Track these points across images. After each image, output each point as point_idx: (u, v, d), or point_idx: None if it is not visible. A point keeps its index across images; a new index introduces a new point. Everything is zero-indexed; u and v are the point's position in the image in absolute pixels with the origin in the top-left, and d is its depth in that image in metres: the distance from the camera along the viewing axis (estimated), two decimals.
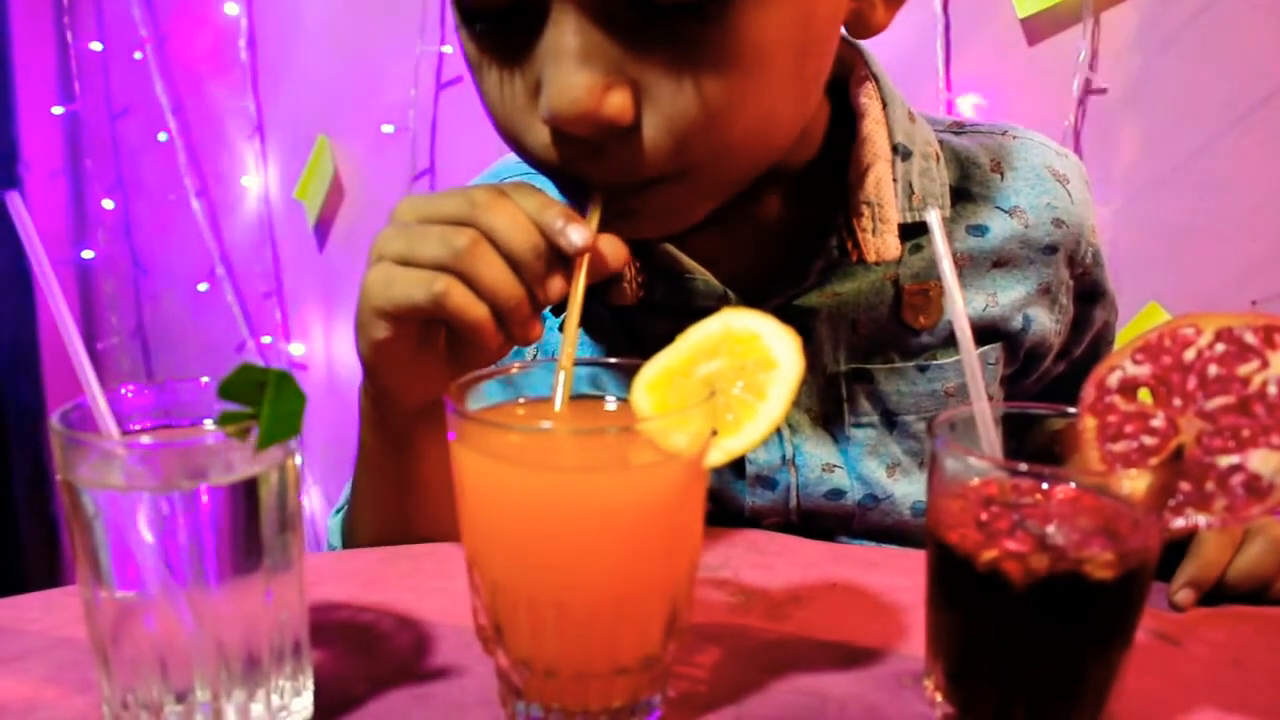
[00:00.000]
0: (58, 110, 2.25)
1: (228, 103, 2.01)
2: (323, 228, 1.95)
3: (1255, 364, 0.42)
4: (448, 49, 1.71)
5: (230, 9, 1.95)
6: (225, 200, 2.11)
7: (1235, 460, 0.41)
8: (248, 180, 2.04)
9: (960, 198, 0.69)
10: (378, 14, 1.78)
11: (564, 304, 0.53)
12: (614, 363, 0.49)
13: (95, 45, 2.20)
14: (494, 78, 0.55)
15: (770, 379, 0.43)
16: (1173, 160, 1.20)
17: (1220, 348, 0.42)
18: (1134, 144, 1.22)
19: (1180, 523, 0.42)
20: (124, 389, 0.43)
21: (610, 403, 0.48)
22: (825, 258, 0.65)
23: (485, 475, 0.41)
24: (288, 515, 0.41)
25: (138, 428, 0.44)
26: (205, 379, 0.43)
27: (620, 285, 0.65)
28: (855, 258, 0.64)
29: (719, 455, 0.43)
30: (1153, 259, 1.22)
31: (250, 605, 0.41)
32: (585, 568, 0.41)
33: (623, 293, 0.65)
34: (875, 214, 0.64)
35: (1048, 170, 0.70)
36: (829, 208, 0.65)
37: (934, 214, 0.46)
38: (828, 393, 0.69)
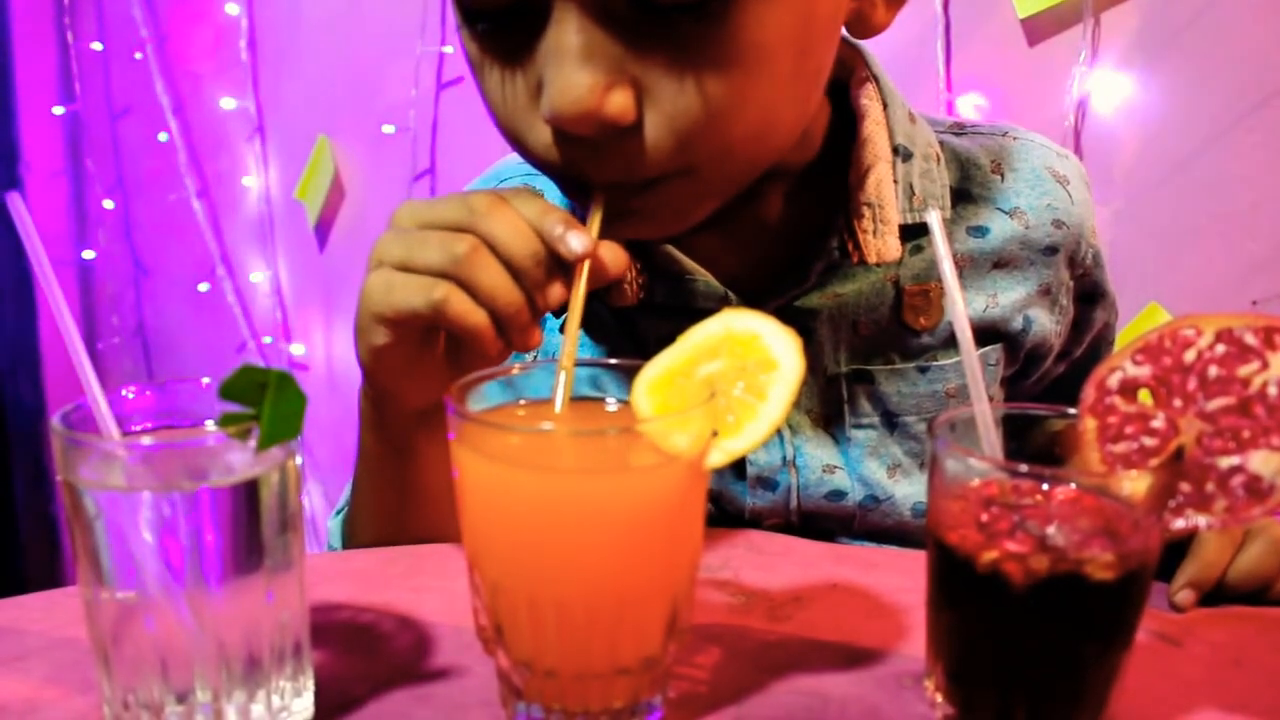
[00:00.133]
0: (58, 110, 2.25)
1: (228, 103, 2.01)
2: (323, 228, 1.96)
3: (1255, 365, 0.42)
4: (448, 49, 1.71)
5: (231, 9, 1.95)
6: (226, 200, 2.11)
7: (1235, 461, 0.41)
8: (248, 180, 2.04)
9: (961, 199, 0.69)
10: (378, 14, 1.78)
11: (564, 307, 0.53)
12: (615, 364, 0.49)
13: (96, 45, 2.20)
14: (495, 77, 0.55)
15: (771, 380, 0.43)
16: (1173, 161, 1.20)
17: (1220, 349, 0.42)
18: (1134, 144, 1.22)
19: (1180, 524, 0.42)
20: (125, 390, 0.43)
21: (611, 404, 0.48)
22: (826, 259, 0.65)
23: (486, 476, 0.41)
24: (288, 516, 0.41)
25: (138, 428, 0.44)
26: (206, 380, 0.44)
27: (621, 286, 0.65)
28: (856, 259, 0.64)
29: (720, 456, 0.43)
30: (1153, 259, 1.22)
31: (251, 606, 0.41)
32: (586, 569, 0.41)
33: (623, 294, 0.65)
34: (876, 215, 0.64)
35: (1048, 171, 0.70)
36: (830, 209, 0.65)
37: (934, 215, 0.47)
38: (828, 394, 0.69)
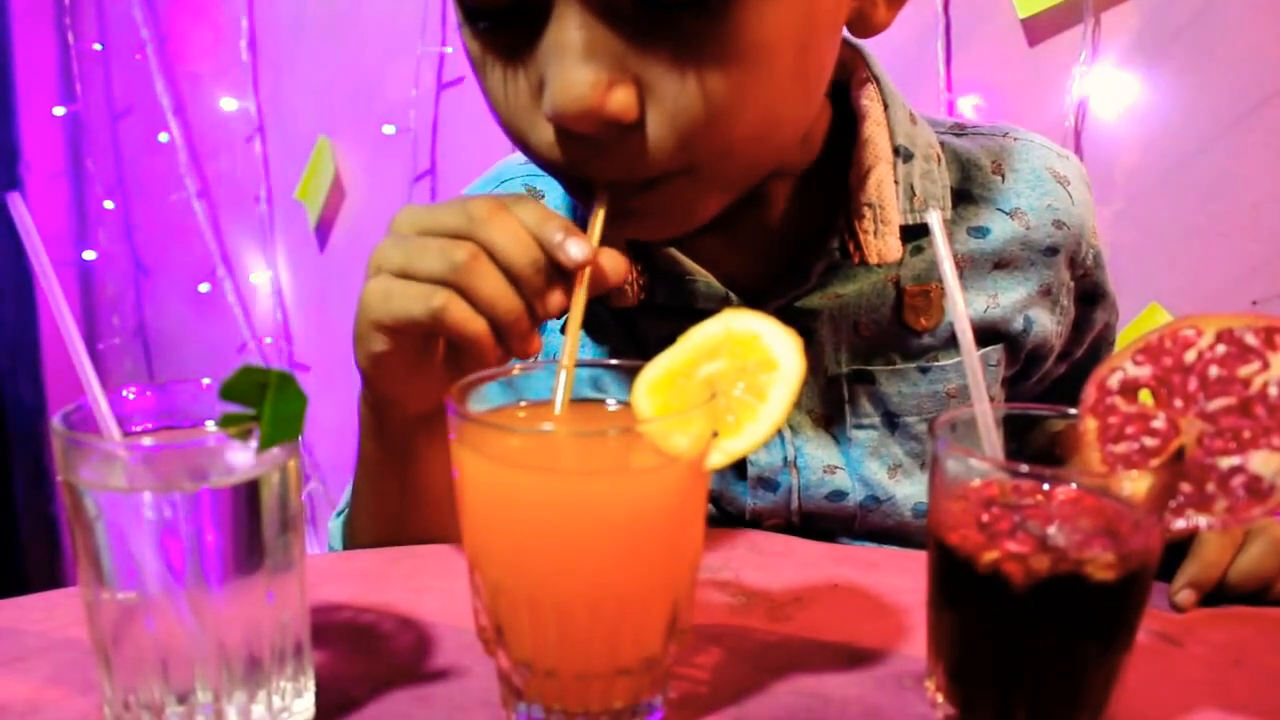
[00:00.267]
0: (59, 111, 2.25)
1: (229, 103, 2.01)
2: (324, 228, 1.96)
3: (1256, 365, 0.42)
4: (449, 49, 1.71)
5: (231, 10, 1.95)
6: (226, 201, 2.11)
7: (1236, 461, 0.41)
8: (249, 181, 2.04)
9: (961, 199, 0.69)
10: (378, 14, 1.78)
11: (564, 313, 0.53)
12: (615, 364, 0.49)
13: (96, 46, 2.20)
14: (497, 76, 0.55)
15: (771, 380, 0.43)
16: (1173, 161, 1.20)
17: (1221, 349, 0.42)
18: (1134, 145, 1.21)
19: (1181, 524, 0.42)
20: (125, 390, 0.43)
21: (611, 405, 0.48)
22: (827, 259, 0.65)
23: (486, 477, 0.41)
24: (289, 516, 0.41)
25: (139, 429, 0.44)
26: (206, 380, 0.44)
27: (621, 287, 0.65)
28: (857, 259, 0.64)
29: (720, 457, 0.43)
30: (1153, 260, 1.22)
31: (252, 606, 0.41)
32: (586, 569, 0.41)
33: (624, 294, 0.65)
34: (877, 216, 0.64)
35: (1048, 172, 0.70)
36: (830, 209, 0.65)
37: (935, 216, 0.47)
38: (829, 394, 0.69)
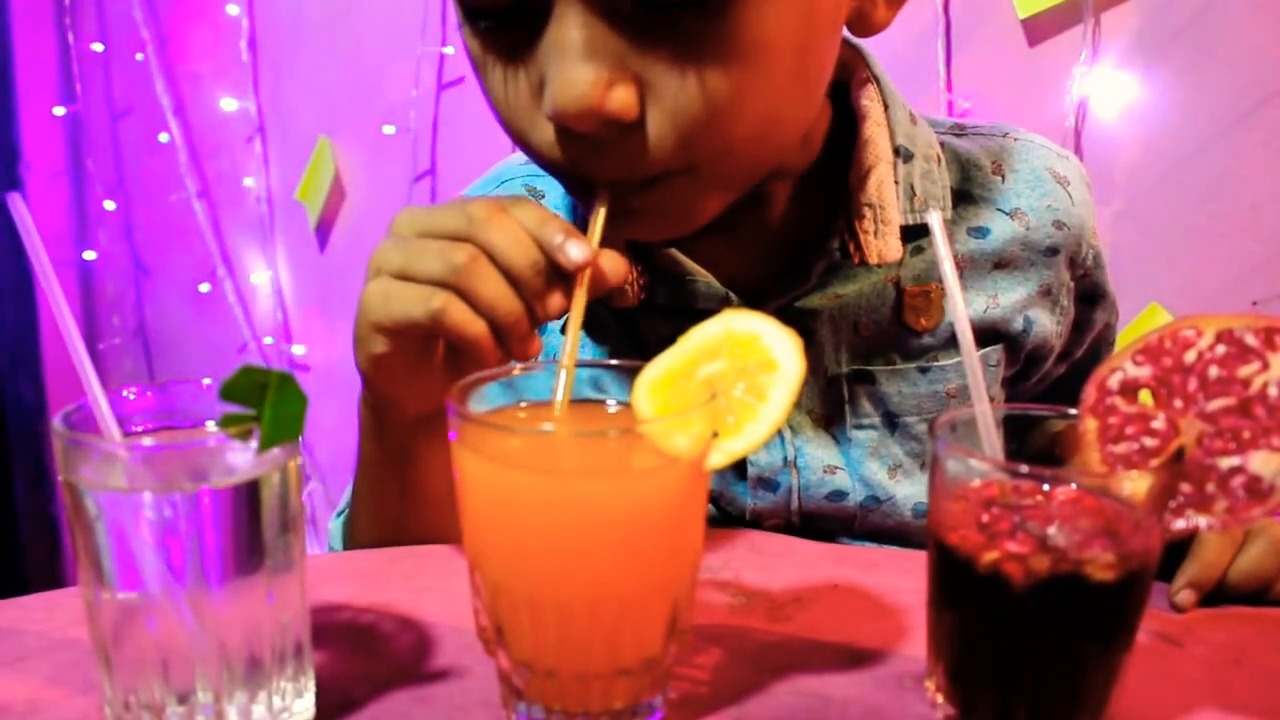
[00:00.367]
0: (59, 111, 2.25)
1: (229, 104, 2.01)
2: (324, 229, 1.96)
3: (1256, 366, 0.42)
4: (449, 49, 1.71)
5: (231, 10, 1.95)
6: (227, 201, 2.11)
7: (1236, 462, 0.41)
8: (249, 181, 2.04)
9: (961, 200, 0.69)
10: (378, 14, 1.78)
11: (564, 315, 0.53)
12: (615, 364, 0.49)
13: (97, 46, 2.20)
14: (498, 76, 0.55)
15: (771, 381, 0.43)
16: (1173, 161, 1.20)
17: (1221, 349, 0.42)
18: (1134, 145, 1.21)
19: (1181, 524, 0.42)
20: (126, 390, 0.43)
21: (611, 405, 0.48)
22: (827, 259, 0.65)
23: (487, 478, 0.41)
24: (289, 517, 0.41)
25: (139, 429, 0.44)
26: (207, 380, 0.43)
27: (622, 287, 0.65)
28: (857, 259, 0.64)
29: (720, 457, 0.43)
30: (1153, 260, 1.22)
31: (252, 606, 0.41)
32: (586, 570, 0.41)
33: (624, 295, 0.65)
34: (877, 216, 0.64)
35: (1048, 172, 0.70)
36: (830, 210, 0.65)
37: (935, 216, 0.47)
38: (829, 394, 0.69)
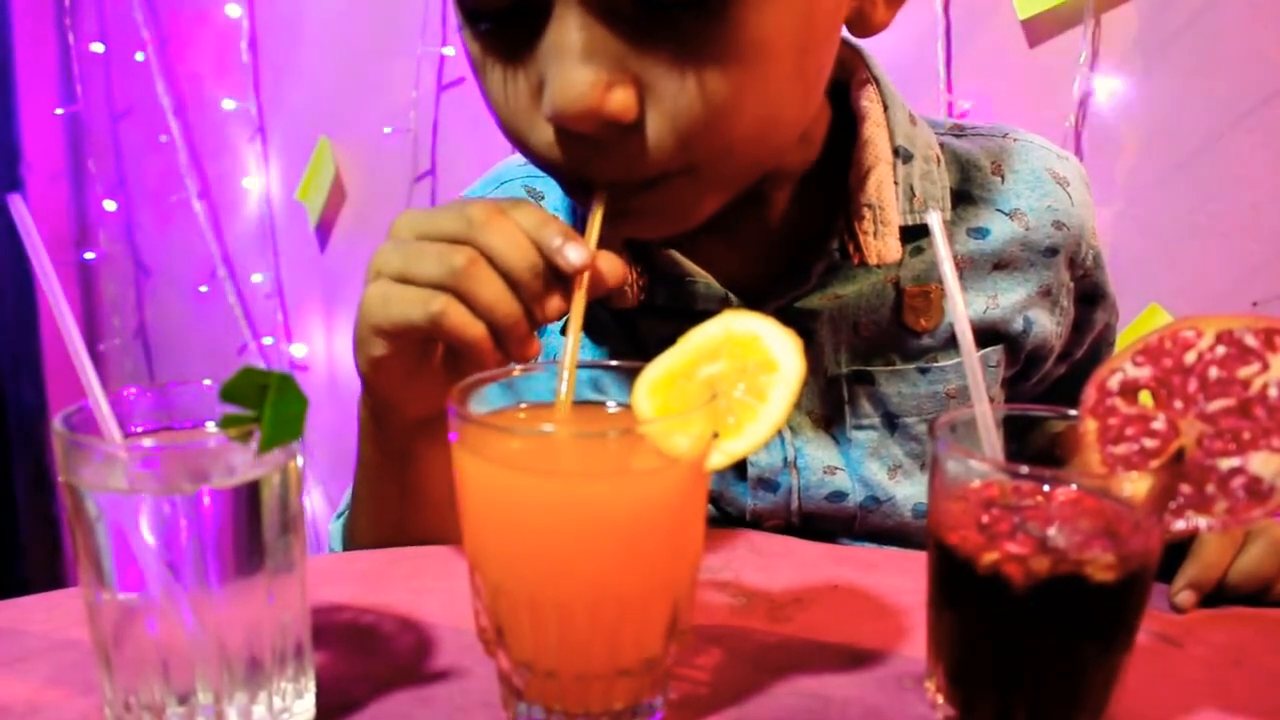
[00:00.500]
0: (59, 112, 2.25)
1: (229, 104, 2.01)
2: (324, 229, 1.96)
3: (1256, 366, 0.42)
4: (449, 50, 1.71)
5: (232, 10, 1.95)
6: (227, 202, 2.11)
7: (1236, 463, 0.41)
8: (249, 182, 2.04)
9: (961, 200, 0.69)
10: (379, 15, 1.78)
11: (563, 317, 0.53)
12: (615, 365, 0.49)
13: (97, 46, 2.20)
14: (497, 77, 0.55)
15: (771, 381, 0.43)
16: (1173, 161, 1.20)
17: (1221, 350, 0.42)
18: (1135, 145, 1.21)
19: (1181, 525, 0.42)
20: (126, 391, 0.43)
21: (611, 406, 0.48)
22: (826, 260, 0.65)
23: (487, 479, 0.41)
24: (290, 517, 0.42)
25: (140, 430, 0.44)
26: (207, 381, 0.43)
27: (621, 289, 0.65)
28: (856, 260, 0.64)
29: (720, 458, 0.43)
30: (1154, 260, 1.22)
31: (252, 607, 0.41)
32: (587, 570, 0.41)
33: (624, 296, 0.65)
34: (876, 216, 0.64)
35: (1048, 173, 0.70)
36: (830, 210, 0.65)
37: (935, 216, 0.47)
38: (829, 395, 0.69)
